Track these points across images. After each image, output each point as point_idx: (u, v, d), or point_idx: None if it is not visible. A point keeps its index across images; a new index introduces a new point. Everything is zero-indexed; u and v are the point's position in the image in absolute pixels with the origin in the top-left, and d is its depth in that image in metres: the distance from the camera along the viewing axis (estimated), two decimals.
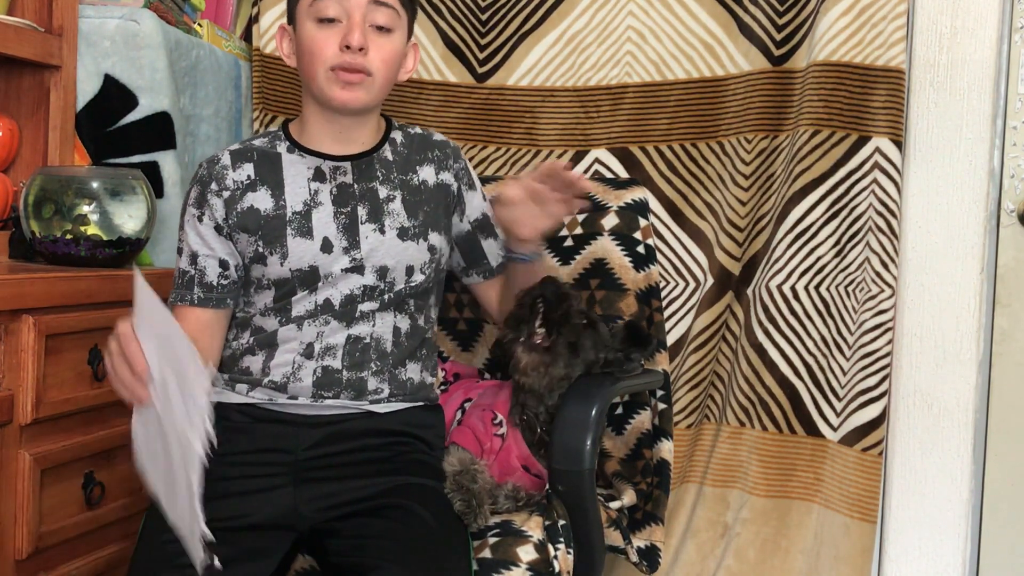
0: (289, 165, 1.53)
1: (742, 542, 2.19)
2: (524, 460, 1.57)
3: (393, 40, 1.49)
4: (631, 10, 2.20)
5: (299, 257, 1.49)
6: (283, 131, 1.57)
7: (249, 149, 1.55)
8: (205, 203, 1.51)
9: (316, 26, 1.46)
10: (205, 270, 1.52)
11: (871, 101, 2.07)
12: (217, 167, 1.53)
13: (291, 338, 1.49)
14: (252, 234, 1.50)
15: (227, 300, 1.53)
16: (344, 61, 1.45)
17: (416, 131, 1.63)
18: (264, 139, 1.57)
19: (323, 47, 1.46)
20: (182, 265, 1.54)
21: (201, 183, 1.53)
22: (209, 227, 1.51)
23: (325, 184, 1.52)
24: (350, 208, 1.51)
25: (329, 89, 1.47)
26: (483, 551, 1.38)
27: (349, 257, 1.50)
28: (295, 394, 1.48)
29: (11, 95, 1.85)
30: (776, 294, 2.14)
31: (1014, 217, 2.12)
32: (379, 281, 1.51)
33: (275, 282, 1.50)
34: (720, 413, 2.21)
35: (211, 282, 1.52)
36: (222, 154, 1.55)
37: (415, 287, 1.53)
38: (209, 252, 1.52)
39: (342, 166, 1.53)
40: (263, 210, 1.50)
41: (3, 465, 1.43)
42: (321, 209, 1.51)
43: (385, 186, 1.54)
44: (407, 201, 1.55)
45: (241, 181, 1.51)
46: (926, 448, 2.15)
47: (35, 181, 1.71)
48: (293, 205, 1.51)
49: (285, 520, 1.39)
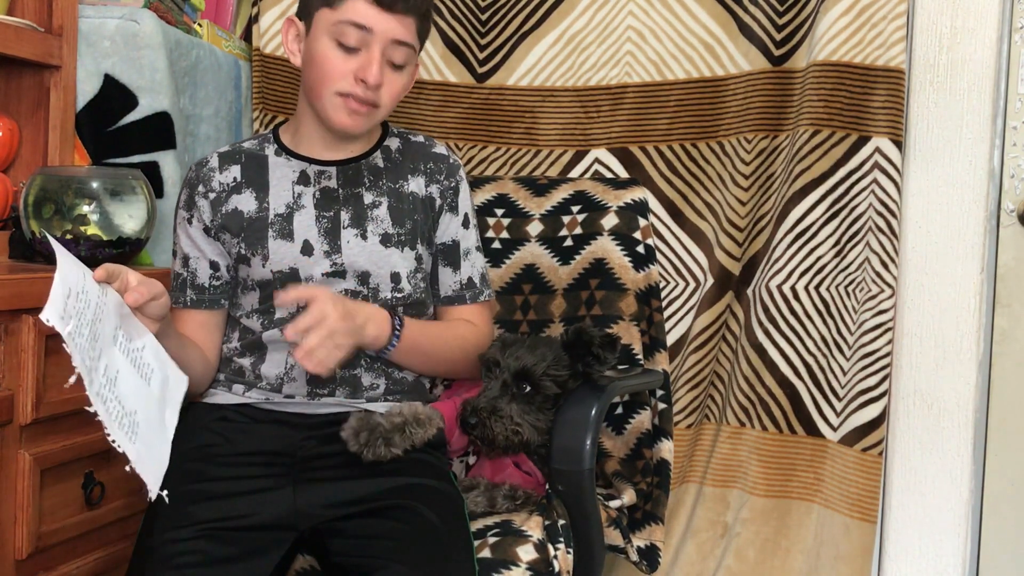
0: (275, 168, 1.54)
1: (742, 542, 2.19)
2: (515, 457, 1.57)
3: (404, 76, 1.50)
4: (631, 10, 2.20)
5: (280, 259, 1.50)
6: (273, 134, 1.58)
7: (238, 151, 1.56)
8: (194, 205, 1.53)
9: (334, 47, 1.45)
10: (196, 272, 1.53)
11: (871, 101, 2.07)
12: (204, 169, 1.55)
13: (277, 339, 1.50)
14: (235, 235, 1.51)
15: (221, 300, 1.54)
16: (356, 93, 1.45)
17: (418, 139, 1.62)
18: (254, 142, 1.59)
19: (338, 72, 1.45)
20: (176, 268, 1.57)
21: (190, 186, 1.55)
22: (198, 229, 1.53)
23: (309, 188, 1.53)
24: (332, 212, 1.52)
25: (334, 112, 1.47)
26: (483, 551, 1.38)
27: (330, 261, 1.50)
28: (290, 393, 1.49)
29: (11, 95, 1.85)
30: (776, 294, 2.14)
31: (1014, 217, 2.12)
32: (361, 286, 1.51)
33: (258, 283, 1.51)
34: (720, 413, 2.21)
35: (203, 284, 1.53)
36: (211, 157, 1.56)
37: (403, 297, 1.53)
38: (199, 254, 1.53)
39: (327, 170, 1.54)
40: (246, 212, 1.51)
41: (3, 465, 1.43)
42: (303, 212, 1.51)
43: (371, 192, 1.54)
44: (394, 208, 1.55)
45: (227, 183, 1.53)
46: (926, 448, 2.15)
47: (35, 181, 1.71)
48: (275, 207, 1.52)
49: (285, 520, 1.39)
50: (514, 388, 1.49)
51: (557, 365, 1.52)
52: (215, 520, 1.29)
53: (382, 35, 1.44)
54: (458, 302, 1.63)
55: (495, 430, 1.47)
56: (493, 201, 1.95)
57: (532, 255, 1.90)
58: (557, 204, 1.92)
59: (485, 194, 1.97)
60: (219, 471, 1.37)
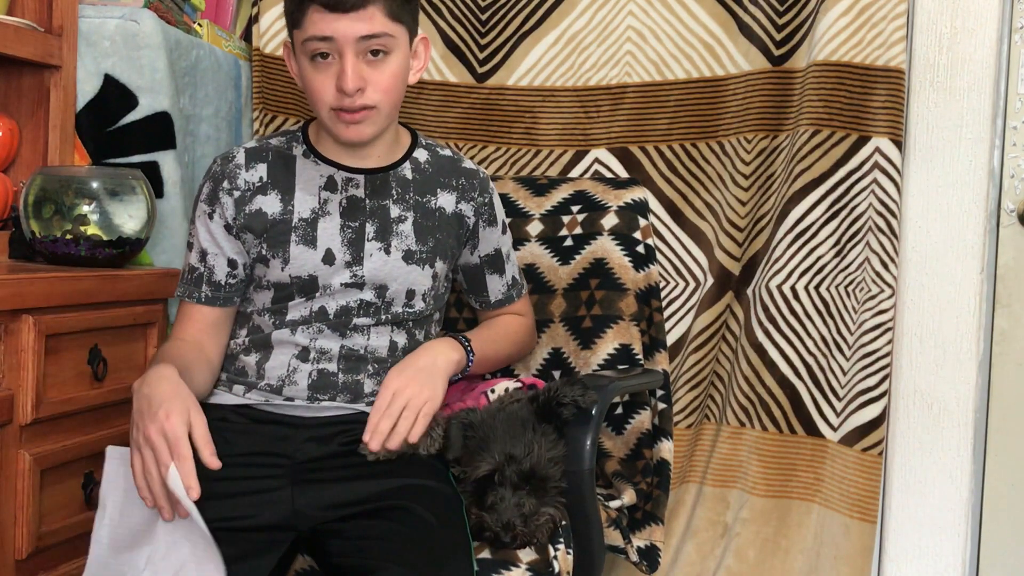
0: (302, 170, 1.52)
1: (742, 542, 2.19)
2: (492, 381, 1.57)
3: (392, 62, 1.43)
4: (631, 10, 2.20)
5: (300, 265, 1.48)
6: (302, 133, 1.55)
7: (265, 148, 1.53)
8: (217, 201, 1.50)
9: (311, 64, 1.42)
10: (214, 268, 1.51)
11: (871, 101, 2.07)
12: (231, 165, 1.51)
13: (285, 341, 1.49)
14: (257, 236, 1.50)
15: (234, 299, 1.53)
16: (343, 104, 1.41)
17: (446, 153, 1.60)
18: (282, 139, 1.55)
19: (321, 89, 1.42)
20: (191, 261, 1.53)
21: (214, 180, 1.52)
22: (219, 225, 1.51)
23: (336, 195, 1.51)
24: (358, 223, 1.50)
25: (335, 128, 1.45)
26: (483, 551, 1.38)
27: (351, 272, 1.49)
28: (291, 396, 1.48)
29: (11, 95, 1.85)
30: (776, 294, 2.14)
31: (1014, 217, 2.12)
32: (377, 299, 1.51)
33: (274, 284, 1.50)
34: (720, 413, 2.21)
35: (219, 281, 1.51)
36: (237, 152, 1.53)
37: (413, 313, 1.53)
38: (218, 251, 1.51)
39: (355, 179, 1.52)
40: (270, 214, 1.49)
41: (3, 465, 1.43)
42: (328, 219, 1.50)
43: (398, 206, 1.53)
44: (419, 224, 1.53)
45: (253, 182, 1.50)
46: (926, 448, 2.15)
47: (35, 181, 1.71)
48: (300, 212, 1.50)
49: (284, 521, 1.39)
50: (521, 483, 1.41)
51: (545, 442, 1.43)
52: (214, 520, 1.29)
53: (344, 38, 1.38)
54: (507, 303, 1.70)
55: (535, 536, 1.39)
56: None
57: (532, 255, 1.90)
58: (557, 204, 1.92)
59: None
60: (218, 472, 1.36)
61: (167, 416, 1.24)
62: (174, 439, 1.23)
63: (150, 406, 1.26)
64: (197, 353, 1.49)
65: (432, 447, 1.45)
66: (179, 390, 1.29)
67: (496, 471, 1.40)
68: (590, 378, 1.63)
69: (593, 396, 1.49)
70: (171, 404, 1.26)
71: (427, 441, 1.44)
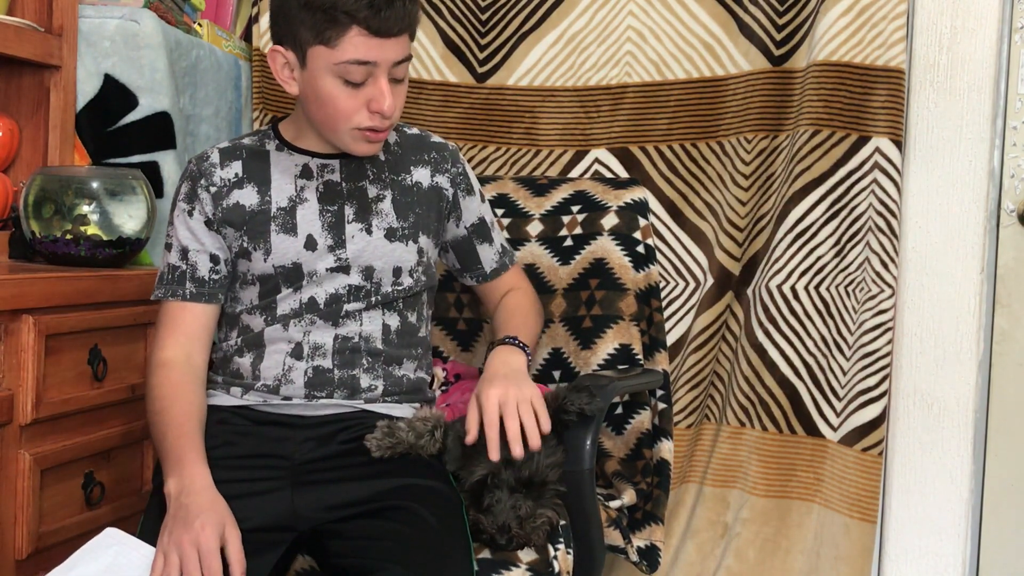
0: (277, 162, 1.53)
1: (742, 542, 2.19)
2: None
3: (406, 80, 1.47)
4: (631, 10, 2.20)
5: (282, 253, 1.49)
6: (273, 130, 1.57)
7: (238, 147, 1.55)
8: (195, 198, 1.51)
9: (340, 85, 1.41)
10: (197, 265, 1.51)
11: (871, 101, 2.07)
12: (206, 164, 1.53)
13: (278, 338, 1.49)
14: (237, 229, 1.50)
15: (218, 295, 1.53)
16: (375, 125, 1.43)
17: (413, 131, 1.63)
18: (253, 137, 1.57)
19: (350, 110, 1.42)
20: (171, 260, 1.52)
21: (191, 179, 1.53)
22: (199, 221, 1.51)
23: (312, 181, 1.52)
24: (336, 206, 1.51)
25: (353, 143, 1.46)
26: (483, 551, 1.38)
27: (334, 256, 1.50)
28: (288, 395, 1.48)
29: (11, 95, 1.85)
30: (776, 294, 2.14)
31: (1014, 217, 2.12)
32: (365, 281, 1.51)
33: (259, 278, 1.50)
34: (720, 413, 2.21)
35: (203, 276, 1.51)
36: (211, 152, 1.54)
37: (403, 290, 1.53)
38: (199, 247, 1.51)
39: (330, 164, 1.53)
40: (248, 206, 1.50)
41: (3, 465, 1.43)
42: (306, 206, 1.51)
43: (375, 185, 1.54)
44: (397, 201, 1.54)
45: (228, 179, 1.52)
46: (926, 448, 2.15)
47: (35, 181, 1.71)
48: (278, 201, 1.51)
49: (283, 522, 1.39)
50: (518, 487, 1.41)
51: (545, 448, 1.42)
52: None
53: (385, 63, 1.40)
54: (503, 271, 1.70)
55: (531, 538, 1.39)
56: (493, 201, 1.95)
57: (532, 255, 1.90)
58: (557, 204, 1.92)
59: (485, 194, 1.96)
60: (218, 473, 1.36)
61: (203, 527, 1.26)
62: (206, 552, 1.25)
63: (187, 515, 1.28)
64: (191, 380, 1.47)
65: (432, 448, 1.45)
66: (216, 504, 1.31)
67: (492, 474, 1.40)
68: (590, 378, 1.63)
69: (600, 404, 1.49)
70: (207, 516, 1.27)
71: (427, 441, 1.44)
